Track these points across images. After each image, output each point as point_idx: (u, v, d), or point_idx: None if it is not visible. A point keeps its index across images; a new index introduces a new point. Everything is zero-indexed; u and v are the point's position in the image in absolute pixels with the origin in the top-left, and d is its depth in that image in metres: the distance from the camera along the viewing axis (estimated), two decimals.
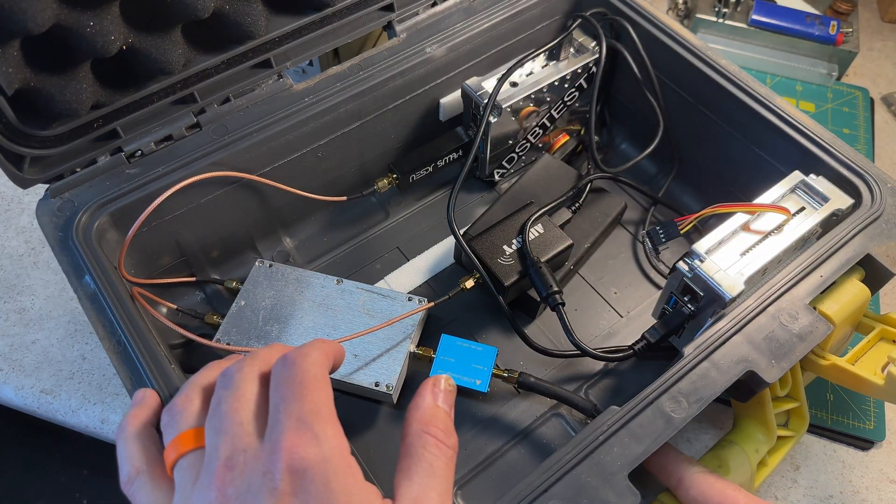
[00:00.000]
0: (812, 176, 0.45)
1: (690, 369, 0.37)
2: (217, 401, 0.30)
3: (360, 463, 0.42)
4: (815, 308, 0.40)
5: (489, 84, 0.54)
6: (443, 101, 0.56)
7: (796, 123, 0.47)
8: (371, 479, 0.43)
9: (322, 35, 0.50)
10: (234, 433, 0.29)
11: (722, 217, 0.43)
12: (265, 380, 0.31)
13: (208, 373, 0.34)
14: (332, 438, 0.28)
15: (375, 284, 0.53)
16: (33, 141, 0.42)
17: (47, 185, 0.45)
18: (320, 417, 0.29)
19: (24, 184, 0.43)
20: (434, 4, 0.55)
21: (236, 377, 0.31)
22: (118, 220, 0.45)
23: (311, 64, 0.61)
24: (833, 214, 0.43)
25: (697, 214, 0.44)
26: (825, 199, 0.44)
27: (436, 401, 0.33)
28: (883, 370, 0.41)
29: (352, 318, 0.48)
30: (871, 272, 0.42)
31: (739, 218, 0.42)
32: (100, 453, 0.71)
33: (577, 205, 0.54)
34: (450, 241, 0.56)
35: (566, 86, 0.56)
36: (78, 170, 0.45)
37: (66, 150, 0.43)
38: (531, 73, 0.55)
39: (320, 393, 0.30)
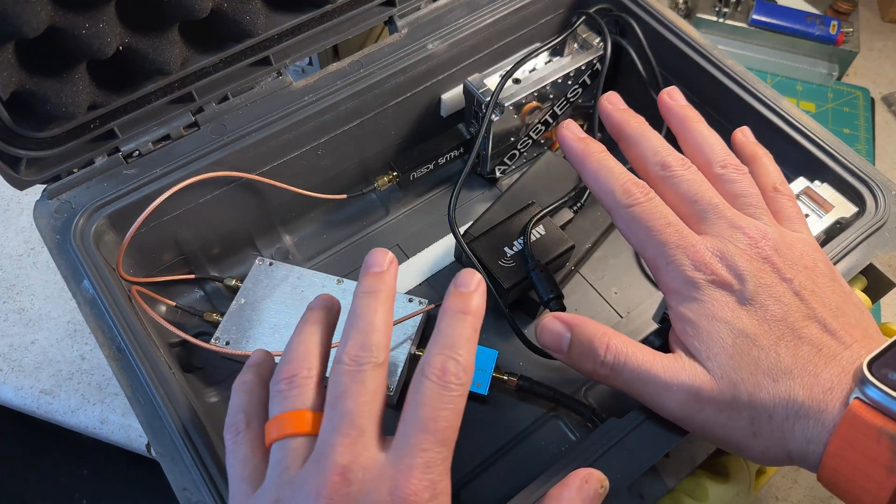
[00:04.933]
0: (816, 183, 0.45)
1: None
2: (342, 390, 0.29)
3: None
4: None
5: (491, 81, 0.53)
6: (444, 97, 0.56)
7: (801, 127, 0.47)
8: None
9: (322, 31, 0.50)
10: (354, 438, 0.28)
11: None
12: (386, 377, 0.31)
13: (349, 339, 0.31)
14: (441, 483, 0.28)
15: None
16: (30, 143, 0.41)
17: (44, 186, 0.44)
18: (443, 472, 0.28)
19: (21, 185, 0.43)
20: None
21: (365, 371, 0.29)
22: (116, 222, 0.45)
23: (310, 63, 0.60)
24: (837, 223, 0.43)
25: None
26: (829, 207, 0.43)
27: (580, 500, 0.31)
28: None
29: None
30: (873, 282, 0.42)
31: None
32: (100, 453, 0.72)
33: (578, 205, 0.54)
34: (450, 239, 0.55)
35: (570, 82, 0.55)
36: (75, 171, 0.45)
37: (63, 151, 0.43)
38: (534, 70, 0.54)
39: (453, 441, 0.29)
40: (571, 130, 0.39)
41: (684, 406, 0.34)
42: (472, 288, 0.31)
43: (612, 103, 0.40)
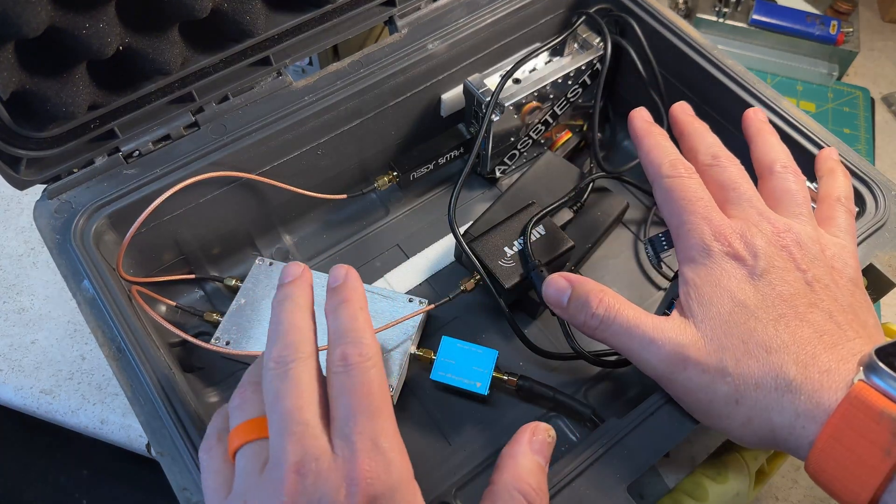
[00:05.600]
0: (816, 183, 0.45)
1: None
2: (275, 394, 0.30)
3: None
4: None
5: (491, 81, 0.53)
6: (444, 97, 0.56)
7: (801, 127, 0.47)
8: None
9: (322, 31, 0.50)
10: (300, 434, 0.29)
11: None
12: (319, 369, 0.32)
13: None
14: (400, 464, 0.29)
15: (375, 283, 0.53)
16: (30, 143, 0.41)
17: (44, 186, 0.44)
18: (390, 439, 0.29)
19: (21, 185, 0.43)
20: None
21: (292, 368, 0.30)
22: (116, 222, 0.45)
23: (310, 63, 0.60)
24: None
25: None
26: None
27: (532, 452, 0.33)
28: None
29: None
30: (873, 281, 0.42)
31: None
32: (100, 454, 0.72)
33: (578, 205, 0.54)
34: (450, 239, 0.55)
35: (570, 82, 0.55)
36: (75, 171, 0.45)
37: (63, 151, 0.43)
38: (534, 70, 0.54)
39: (387, 408, 0.30)
40: (641, 114, 0.43)
41: (668, 363, 0.34)
42: (341, 280, 0.34)
43: (684, 110, 0.43)
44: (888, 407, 0.28)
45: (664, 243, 0.41)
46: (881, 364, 0.29)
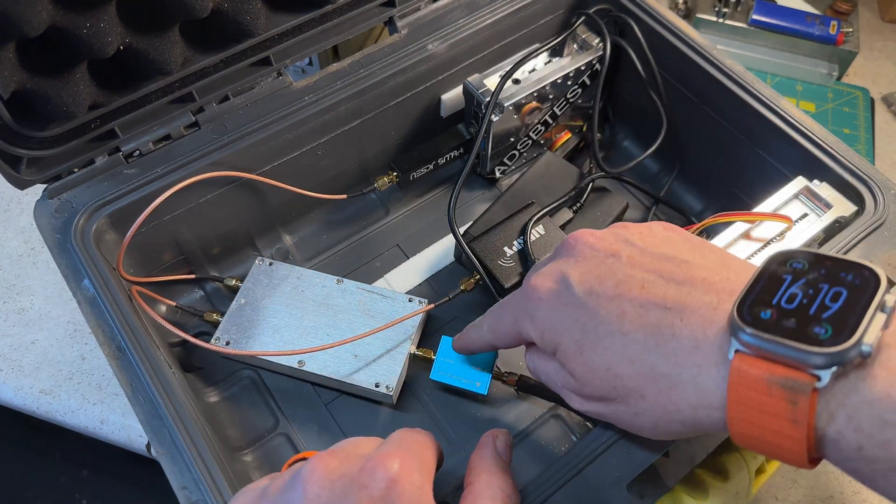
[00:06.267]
0: (815, 182, 0.45)
1: None
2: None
3: None
4: None
5: (491, 81, 0.53)
6: (444, 97, 0.56)
7: (800, 127, 0.47)
8: None
9: (322, 32, 0.50)
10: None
11: (724, 224, 0.43)
12: None
13: None
14: (428, 484, 0.29)
15: (375, 283, 0.53)
16: (30, 142, 0.41)
17: (45, 186, 0.44)
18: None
19: (22, 185, 0.43)
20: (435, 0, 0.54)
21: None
22: (117, 222, 0.45)
23: (310, 63, 0.60)
24: (836, 221, 0.43)
25: (698, 225, 0.43)
26: (828, 206, 0.43)
27: (500, 454, 0.34)
28: None
29: (352, 319, 0.48)
30: None
31: (740, 226, 0.42)
32: (99, 454, 0.72)
33: (578, 205, 0.54)
34: (450, 239, 0.56)
35: (569, 83, 0.55)
36: (76, 170, 0.45)
37: (64, 150, 0.43)
38: (534, 70, 0.54)
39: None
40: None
41: (577, 406, 0.34)
42: None
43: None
44: (772, 373, 0.26)
45: None
46: (742, 324, 0.27)
